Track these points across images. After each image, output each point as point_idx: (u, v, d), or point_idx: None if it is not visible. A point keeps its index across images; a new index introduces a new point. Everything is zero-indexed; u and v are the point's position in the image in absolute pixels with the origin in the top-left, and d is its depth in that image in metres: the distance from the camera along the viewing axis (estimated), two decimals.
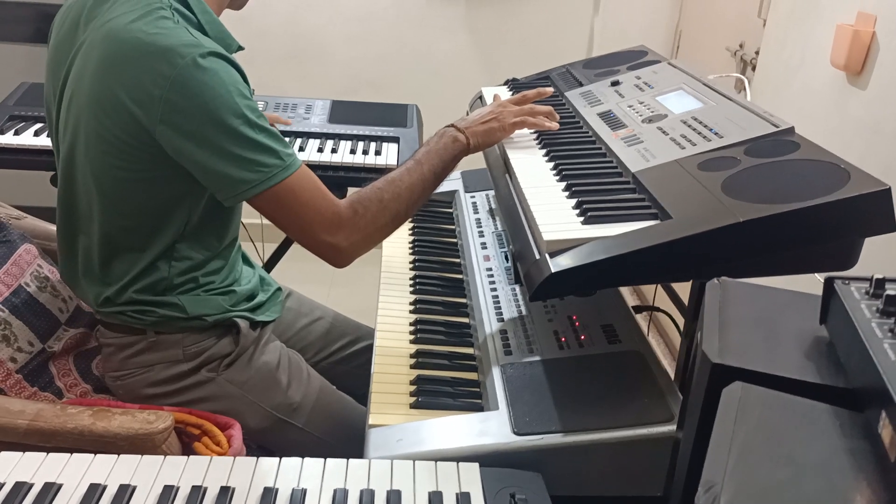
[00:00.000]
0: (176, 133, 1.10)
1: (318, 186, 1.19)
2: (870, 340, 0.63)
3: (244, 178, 1.12)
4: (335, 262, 1.23)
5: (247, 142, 1.11)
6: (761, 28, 2.39)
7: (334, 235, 1.19)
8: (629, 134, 1.32)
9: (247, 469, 0.93)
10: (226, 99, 1.09)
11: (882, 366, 0.59)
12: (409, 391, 1.16)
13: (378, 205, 1.23)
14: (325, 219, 1.18)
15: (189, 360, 1.31)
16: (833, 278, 0.73)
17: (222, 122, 1.09)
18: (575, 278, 0.98)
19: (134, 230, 1.23)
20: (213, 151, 1.10)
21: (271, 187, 1.13)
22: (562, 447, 1.00)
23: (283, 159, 1.14)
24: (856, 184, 0.95)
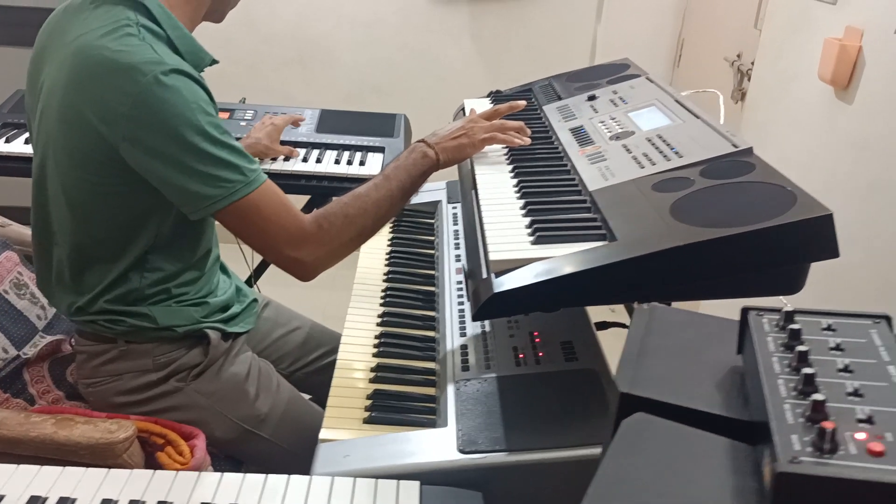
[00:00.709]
0: (139, 150, 1.12)
1: (283, 202, 1.20)
2: (767, 374, 0.63)
3: (207, 194, 1.14)
4: (300, 277, 1.25)
5: (209, 158, 1.12)
6: (758, 38, 2.38)
7: (298, 250, 1.20)
8: (595, 151, 1.32)
9: (187, 484, 0.95)
10: (187, 116, 1.10)
11: (771, 401, 0.59)
12: (364, 406, 1.17)
13: (343, 220, 1.24)
14: (289, 234, 1.19)
15: (158, 369, 1.33)
16: (748, 309, 0.73)
17: (184, 139, 1.11)
18: (517, 299, 0.98)
19: (104, 242, 1.25)
20: (175, 168, 1.12)
21: (234, 202, 1.15)
22: (505, 466, 1.01)
23: (245, 175, 1.15)
24: (799, 209, 0.95)
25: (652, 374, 0.73)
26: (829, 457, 0.53)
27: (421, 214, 1.85)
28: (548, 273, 0.97)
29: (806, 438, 0.55)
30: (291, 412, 1.43)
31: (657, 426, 0.65)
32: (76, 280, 1.29)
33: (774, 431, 0.56)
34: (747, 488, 0.58)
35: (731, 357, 0.76)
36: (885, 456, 0.53)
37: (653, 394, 0.70)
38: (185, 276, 1.33)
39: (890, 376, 0.61)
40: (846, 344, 0.66)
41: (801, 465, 0.52)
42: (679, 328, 0.82)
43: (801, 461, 0.53)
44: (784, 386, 0.61)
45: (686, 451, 0.63)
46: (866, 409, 0.58)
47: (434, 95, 3.37)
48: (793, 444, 0.54)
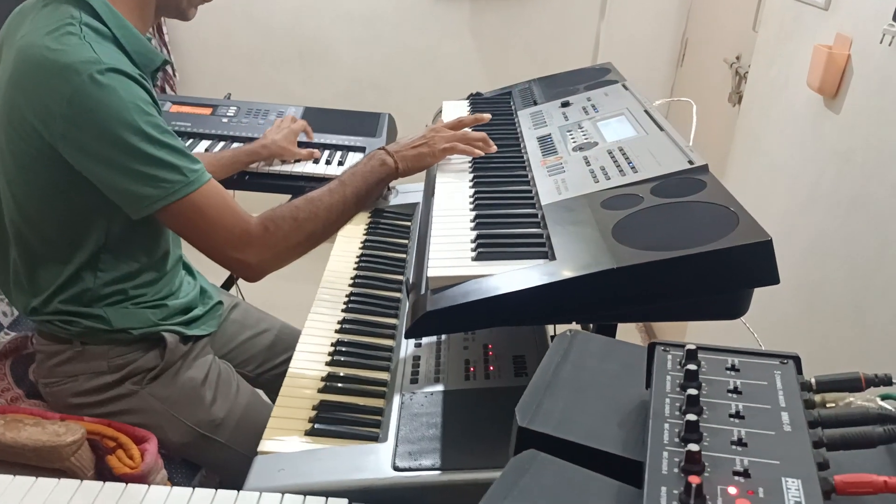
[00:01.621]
0: (77, 150, 1.12)
1: (227, 203, 1.20)
2: (656, 417, 0.61)
3: (146, 194, 1.13)
4: (245, 278, 1.25)
5: (147, 158, 1.12)
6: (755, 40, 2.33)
7: (242, 252, 1.20)
8: (556, 162, 1.30)
9: (110, 496, 0.94)
10: (123, 115, 1.10)
11: (651, 447, 0.58)
12: (308, 417, 1.16)
13: (292, 223, 1.23)
14: (232, 235, 1.19)
15: (113, 371, 1.33)
16: (655, 344, 0.71)
17: (120, 139, 1.10)
18: (451, 318, 0.97)
19: (54, 242, 1.25)
20: (113, 168, 1.12)
21: (174, 203, 1.14)
22: (436, 485, 0.99)
23: (185, 175, 1.15)
24: (739, 233, 0.92)
25: (557, 408, 0.71)
26: None
27: (399, 217, 1.83)
28: (479, 293, 0.96)
29: (675, 491, 0.53)
30: (249, 417, 1.43)
31: (547, 465, 0.64)
32: (30, 280, 1.29)
33: (646, 481, 0.54)
34: None
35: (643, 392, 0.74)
36: None
37: (551, 430, 0.68)
38: (143, 277, 1.33)
39: (781, 424, 0.59)
40: (746, 387, 0.64)
41: None
42: (598, 358, 0.80)
43: None
44: (669, 431, 0.59)
45: (571, 494, 0.61)
46: (745, 460, 0.56)
47: (433, 94, 3.33)
48: (660, 498, 0.53)
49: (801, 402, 0.61)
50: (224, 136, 1.96)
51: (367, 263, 1.61)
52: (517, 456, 0.65)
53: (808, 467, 0.54)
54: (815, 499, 0.52)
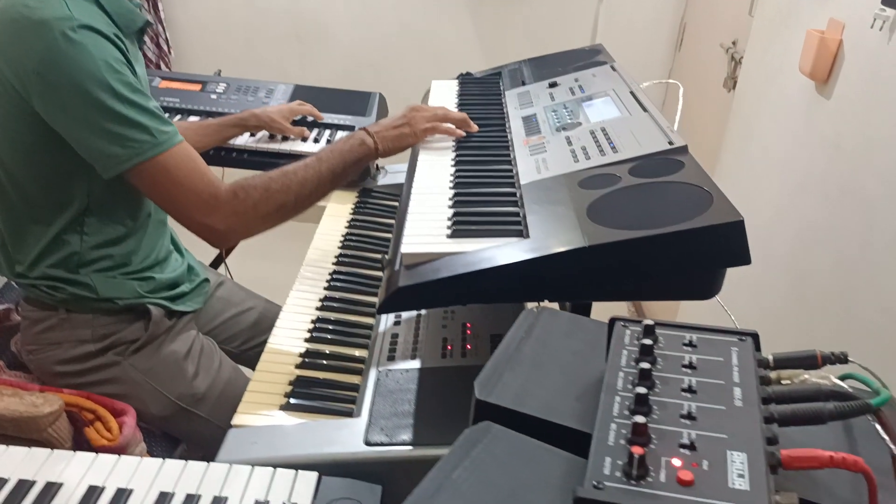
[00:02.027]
0: (50, 106, 1.13)
1: (197, 166, 1.20)
2: (608, 390, 0.61)
3: (114, 153, 1.14)
4: (212, 243, 1.27)
5: (115, 116, 1.13)
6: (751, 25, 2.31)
7: (209, 217, 1.20)
8: (538, 142, 1.29)
9: (80, 465, 0.95)
10: (93, 72, 1.11)
11: (600, 419, 0.58)
12: (284, 391, 1.16)
13: (263, 193, 1.24)
14: (200, 199, 1.19)
15: (97, 341, 1.33)
16: (616, 319, 0.71)
17: (90, 96, 1.11)
18: (423, 294, 0.97)
19: (37, 202, 1.26)
20: (83, 125, 1.13)
21: (142, 163, 1.15)
22: (406, 460, 1.00)
23: (154, 136, 1.15)
24: (711, 213, 0.92)
25: (516, 382, 0.71)
26: (636, 483, 0.51)
27: (387, 196, 1.83)
28: (454, 269, 0.95)
29: (619, 462, 0.53)
30: (231, 392, 1.43)
31: (500, 437, 0.64)
32: (14, 242, 1.30)
33: (592, 452, 0.54)
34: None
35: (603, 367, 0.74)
36: (692, 485, 0.51)
37: (508, 403, 0.68)
38: (128, 243, 1.33)
39: (732, 399, 0.59)
40: (701, 362, 0.64)
41: (602, 492, 0.51)
42: (562, 334, 0.80)
43: (604, 486, 0.51)
44: (619, 404, 0.59)
45: (524, 465, 0.61)
46: (693, 433, 0.56)
47: (430, 74, 3.30)
48: (604, 468, 0.53)
49: (755, 378, 0.61)
50: (212, 113, 1.95)
51: (352, 242, 1.61)
52: (471, 427, 0.65)
53: (755, 441, 0.54)
54: (759, 472, 0.52)
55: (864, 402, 0.60)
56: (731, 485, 0.51)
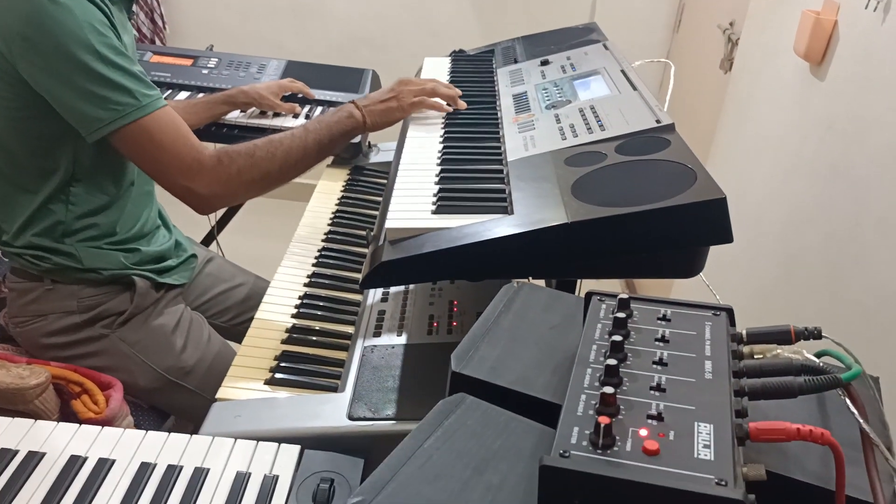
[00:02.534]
0: (34, 68, 1.13)
1: (180, 131, 1.21)
2: (580, 362, 0.61)
3: (97, 116, 1.15)
4: (195, 208, 1.26)
5: (99, 78, 1.13)
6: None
7: (192, 181, 1.21)
8: (528, 119, 1.29)
9: (63, 436, 0.95)
10: (77, 34, 1.11)
11: (571, 389, 0.58)
12: (270, 366, 1.17)
13: (248, 160, 1.24)
14: (183, 163, 1.20)
15: (83, 312, 1.34)
16: (592, 293, 0.71)
17: (73, 58, 1.11)
18: (406, 269, 0.97)
19: (23, 169, 1.26)
20: (67, 87, 1.13)
21: (125, 126, 1.15)
22: (388, 434, 1.00)
23: (137, 99, 1.16)
24: (694, 191, 0.92)
25: (492, 355, 0.72)
26: (602, 452, 0.52)
27: (377, 174, 1.82)
28: (435, 245, 0.96)
29: (586, 432, 0.53)
30: (219, 365, 1.44)
31: (473, 408, 0.64)
32: (2, 211, 1.30)
33: (560, 421, 0.55)
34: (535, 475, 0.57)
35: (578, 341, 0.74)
36: (658, 455, 0.51)
37: (482, 375, 0.69)
38: (112, 212, 1.34)
39: (703, 372, 0.60)
40: (674, 336, 0.64)
41: (567, 460, 0.51)
42: (540, 308, 0.80)
43: (570, 455, 0.51)
44: (590, 375, 0.59)
45: (493, 434, 0.62)
46: (661, 405, 0.56)
47: (427, 51, 3.29)
48: (571, 437, 0.53)
49: (727, 351, 0.62)
50: (203, 88, 1.94)
51: (342, 219, 1.61)
52: (445, 399, 0.65)
53: (723, 413, 0.55)
54: (725, 443, 0.52)
55: (833, 377, 0.60)
56: (696, 455, 0.51)
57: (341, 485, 0.93)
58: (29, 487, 0.88)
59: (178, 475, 0.91)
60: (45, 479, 0.89)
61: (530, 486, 0.56)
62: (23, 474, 0.89)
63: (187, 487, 0.89)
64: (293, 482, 0.92)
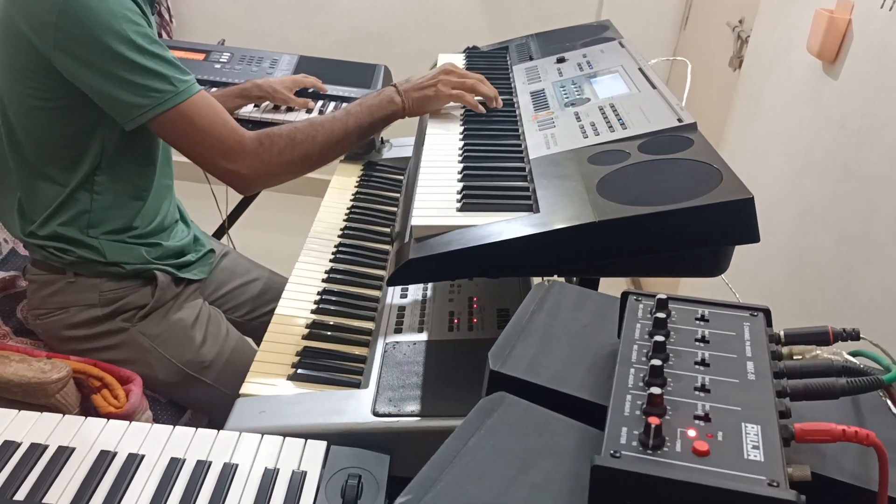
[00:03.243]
0: (69, 59, 1.14)
1: (219, 114, 1.22)
2: (622, 362, 0.62)
3: (136, 104, 1.16)
4: (238, 189, 1.29)
5: (135, 67, 1.14)
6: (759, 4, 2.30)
7: (234, 162, 1.22)
8: (547, 117, 1.29)
9: (92, 430, 0.96)
10: (111, 24, 1.12)
11: (616, 390, 0.59)
12: (291, 362, 1.17)
13: (288, 141, 1.26)
14: (225, 145, 1.21)
15: (104, 305, 1.34)
16: (628, 293, 0.71)
17: (109, 48, 1.12)
18: (433, 266, 0.98)
19: (52, 159, 1.26)
20: (104, 77, 1.14)
21: (164, 112, 1.17)
22: (413, 431, 1.01)
23: (175, 85, 1.17)
24: (721, 190, 0.92)
25: (528, 354, 0.72)
26: (653, 453, 0.52)
27: (392, 170, 1.83)
28: (463, 242, 0.96)
29: (635, 432, 0.54)
30: (237, 360, 1.45)
31: (514, 407, 0.65)
32: (28, 201, 1.31)
33: (608, 422, 0.55)
34: (582, 475, 0.58)
35: (613, 340, 0.75)
36: (709, 456, 0.52)
37: (521, 374, 0.69)
38: (136, 204, 1.35)
39: (745, 373, 0.60)
40: (714, 336, 0.65)
41: (619, 461, 0.52)
42: (572, 307, 0.81)
43: (621, 455, 0.52)
44: (634, 375, 0.60)
45: (537, 435, 0.62)
46: (707, 405, 0.57)
47: (435, 46, 3.29)
48: (620, 437, 0.54)
49: (767, 352, 0.62)
50: (216, 83, 1.95)
51: (357, 215, 1.61)
52: (486, 397, 0.66)
53: (769, 414, 0.55)
54: (773, 444, 0.53)
55: (876, 378, 0.61)
56: (746, 456, 0.52)
57: (368, 481, 0.94)
58: (60, 482, 0.88)
59: (208, 471, 0.92)
60: (76, 474, 0.89)
61: (576, 485, 0.57)
62: (54, 469, 0.89)
63: (217, 483, 0.90)
64: (321, 478, 0.93)
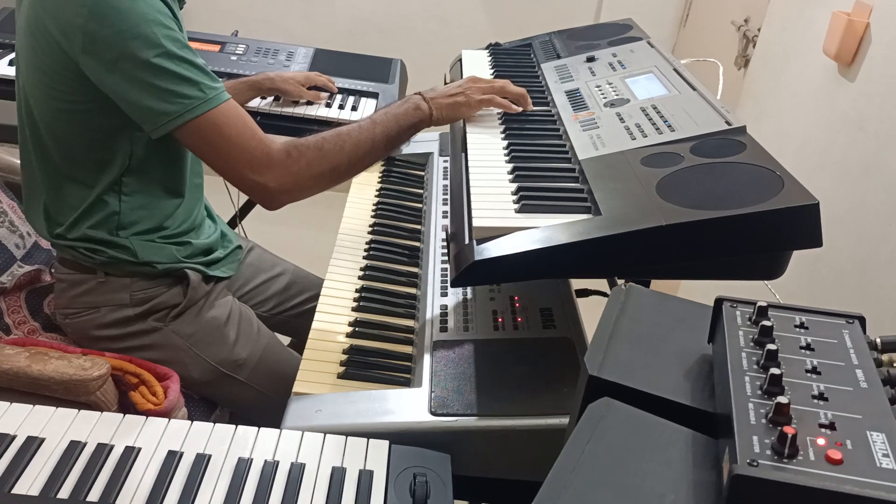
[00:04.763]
0: (97, 63, 1.11)
1: (247, 123, 1.19)
2: (734, 370, 0.63)
3: (164, 110, 1.12)
4: (265, 203, 1.24)
5: (164, 73, 1.11)
6: (767, 4, 2.33)
7: (262, 175, 1.19)
8: (588, 117, 1.30)
9: (156, 430, 0.95)
10: (142, 28, 1.09)
11: (735, 398, 0.60)
12: (340, 360, 1.17)
13: (317, 152, 1.23)
14: (252, 157, 1.18)
15: (136, 305, 1.33)
16: (723, 299, 0.73)
17: (139, 52, 1.09)
18: (498, 268, 0.98)
19: (79, 161, 1.24)
20: (131, 82, 1.11)
21: (192, 120, 1.13)
22: (473, 431, 1.02)
23: (204, 92, 1.14)
24: (786, 196, 0.94)
25: (621, 358, 0.73)
26: (788, 461, 0.54)
27: (411, 166, 1.82)
28: (530, 244, 0.97)
29: (766, 441, 0.55)
30: (269, 357, 1.44)
31: (621, 413, 0.66)
32: (55, 203, 1.28)
33: (736, 431, 0.56)
34: (705, 482, 0.59)
35: (701, 345, 0.76)
36: (843, 464, 0.53)
37: (621, 379, 0.70)
38: (166, 205, 1.32)
39: (857, 381, 0.62)
40: (817, 344, 0.66)
41: (758, 469, 0.53)
42: (653, 311, 0.82)
43: (758, 464, 0.53)
44: (750, 384, 0.61)
45: (648, 440, 0.63)
46: (829, 413, 0.58)
47: (435, 38, 3.31)
48: (753, 446, 0.55)
49: (871, 360, 0.64)
50: (233, 75, 1.93)
51: (383, 211, 1.61)
52: (593, 404, 0.67)
53: (891, 422, 0.57)
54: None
55: None
56: (879, 464, 0.53)
57: (434, 481, 0.95)
58: (131, 483, 0.88)
59: (276, 471, 0.92)
60: (145, 475, 0.89)
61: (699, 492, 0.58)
62: (123, 469, 0.89)
63: (287, 483, 0.90)
64: (388, 477, 0.93)
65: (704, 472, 0.60)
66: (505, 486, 1.07)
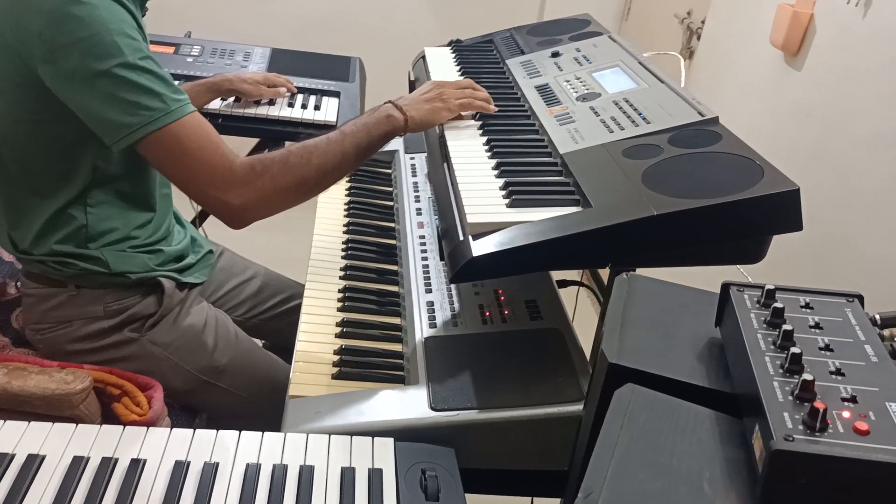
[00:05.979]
0: (56, 73, 1.07)
1: (211, 138, 1.14)
2: (753, 351, 0.66)
3: (124, 122, 1.08)
4: (228, 222, 1.18)
5: (125, 84, 1.07)
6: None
7: (224, 192, 1.13)
8: (563, 112, 1.33)
9: (158, 440, 0.94)
10: (103, 37, 1.05)
11: (760, 378, 0.63)
12: (332, 361, 1.17)
13: (282, 167, 1.17)
14: (214, 172, 1.13)
15: (110, 317, 1.29)
16: (729, 284, 0.76)
17: (99, 62, 1.05)
18: (495, 263, 1.00)
19: (38, 174, 1.20)
20: (91, 93, 1.07)
21: (153, 132, 1.09)
22: (475, 423, 1.03)
23: (166, 104, 1.09)
24: (767, 182, 0.98)
25: (636, 345, 0.76)
26: (820, 435, 0.57)
27: (378, 164, 1.83)
28: (525, 238, 0.99)
29: (797, 416, 0.58)
30: (250, 362, 1.43)
31: (647, 397, 0.68)
32: (17, 216, 1.24)
33: (767, 409, 0.59)
34: (736, 459, 0.62)
35: (708, 329, 0.79)
36: (870, 434, 0.57)
37: (640, 364, 0.73)
38: (135, 216, 1.29)
39: (867, 356, 0.66)
40: (825, 322, 0.70)
41: (794, 444, 0.56)
42: (657, 298, 0.85)
43: (794, 439, 0.56)
44: (771, 363, 0.64)
45: (677, 422, 0.66)
46: (849, 387, 0.61)
47: (382, 35, 3.30)
48: (785, 422, 0.58)
49: (876, 335, 0.68)
50: (190, 77, 1.90)
51: (356, 210, 1.61)
52: (619, 390, 0.69)
53: None
54: None
55: None
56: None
57: (442, 475, 0.96)
58: (141, 495, 0.86)
59: (286, 474, 0.92)
60: (154, 486, 0.88)
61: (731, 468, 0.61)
62: (132, 482, 0.87)
63: (300, 486, 0.90)
64: (396, 474, 0.94)
65: (733, 450, 0.63)
66: (507, 477, 1.09)
